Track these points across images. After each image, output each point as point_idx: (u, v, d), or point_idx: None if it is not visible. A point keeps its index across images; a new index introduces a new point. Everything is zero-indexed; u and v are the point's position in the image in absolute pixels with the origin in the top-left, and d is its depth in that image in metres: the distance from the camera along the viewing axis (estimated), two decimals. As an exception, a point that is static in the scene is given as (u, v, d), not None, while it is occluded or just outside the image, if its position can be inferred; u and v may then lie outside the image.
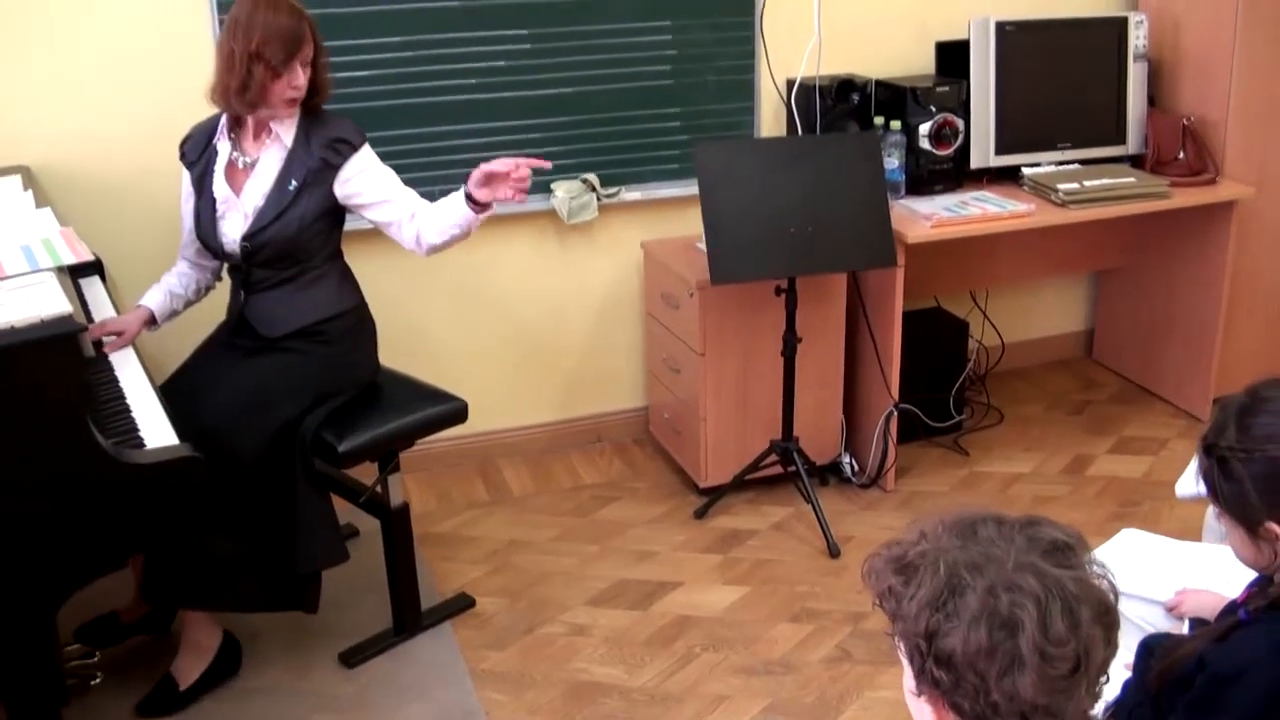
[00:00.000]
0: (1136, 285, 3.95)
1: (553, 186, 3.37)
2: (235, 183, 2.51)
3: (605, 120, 3.40)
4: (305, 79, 2.43)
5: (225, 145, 2.53)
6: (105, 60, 2.94)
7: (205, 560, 2.40)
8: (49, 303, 1.96)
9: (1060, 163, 3.54)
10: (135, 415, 2.13)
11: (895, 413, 3.32)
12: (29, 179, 2.75)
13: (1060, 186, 3.32)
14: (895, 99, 3.39)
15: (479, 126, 3.27)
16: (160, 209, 2.96)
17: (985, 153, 3.47)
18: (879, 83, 3.45)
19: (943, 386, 3.68)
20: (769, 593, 2.93)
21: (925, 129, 3.35)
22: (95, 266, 2.70)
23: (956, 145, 3.39)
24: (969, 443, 3.67)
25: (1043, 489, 3.41)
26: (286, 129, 2.50)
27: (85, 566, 1.98)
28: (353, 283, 2.67)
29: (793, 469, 3.23)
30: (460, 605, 2.87)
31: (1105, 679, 1.12)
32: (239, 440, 2.40)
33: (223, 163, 2.52)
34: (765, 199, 2.94)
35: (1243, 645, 1.46)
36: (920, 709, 1.14)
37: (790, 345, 3.12)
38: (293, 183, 2.47)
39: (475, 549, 3.15)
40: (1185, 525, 2.85)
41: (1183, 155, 3.52)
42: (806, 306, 3.16)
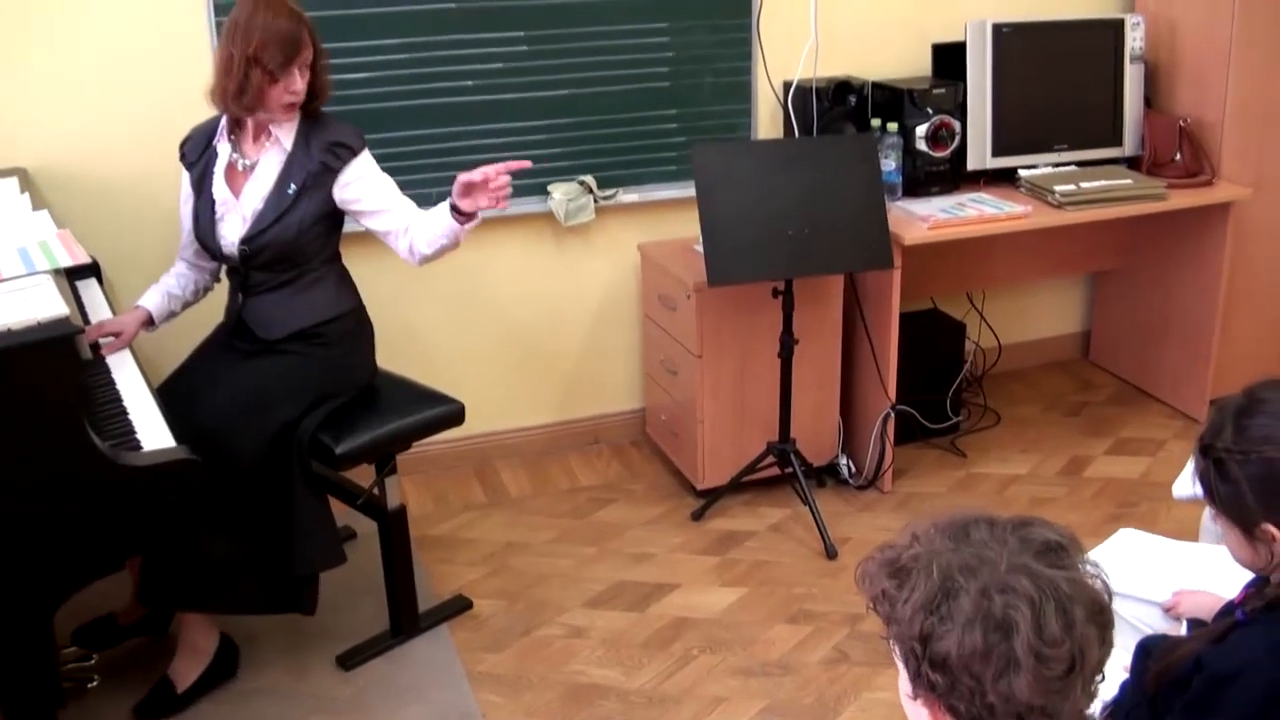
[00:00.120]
0: (1133, 287, 3.96)
1: (550, 188, 3.37)
2: (235, 185, 2.51)
3: (602, 122, 3.40)
4: (303, 84, 2.43)
5: (225, 147, 2.53)
6: (104, 61, 2.94)
7: (203, 562, 2.40)
8: (46, 305, 1.96)
9: (1057, 164, 3.54)
10: (132, 417, 2.13)
11: (892, 414, 3.32)
12: (26, 181, 2.75)
13: (1057, 188, 3.32)
14: (892, 101, 3.40)
15: (477, 128, 3.27)
16: (158, 211, 2.96)
17: (982, 154, 3.47)
18: (876, 85, 3.46)
19: (940, 388, 3.68)
20: (766, 594, 2.93)
21: (922, 131, 3.35)
22: (92, 269, 2.70)
23: (953, 147, 3.40)
24: (966, 444, 3.67)
25: (1040, 490, 3.41)
26: (286, 132, 2.49)
27: (83, 569, 1.98)
28: (351, 285, 2.67)
29: (790, 470, 3.23)
30: (457, 607, 2.87)
31: (1101, 678, 1.12)
32: (237, 442, 2.40)
33: (222, 164, 2.52)
34: (762, 201, 2.94)
35: (1240, 646, 1.46)
36: (916, 712, 1.14)
37: (787, 347, 3.12)
38: (292, 186, 2.47)
39: (472, 551, 3.15)
40: (1182, 526, 2.85)
41: (1179, 157, 3.53)
42: (804, 308, 3.16)
